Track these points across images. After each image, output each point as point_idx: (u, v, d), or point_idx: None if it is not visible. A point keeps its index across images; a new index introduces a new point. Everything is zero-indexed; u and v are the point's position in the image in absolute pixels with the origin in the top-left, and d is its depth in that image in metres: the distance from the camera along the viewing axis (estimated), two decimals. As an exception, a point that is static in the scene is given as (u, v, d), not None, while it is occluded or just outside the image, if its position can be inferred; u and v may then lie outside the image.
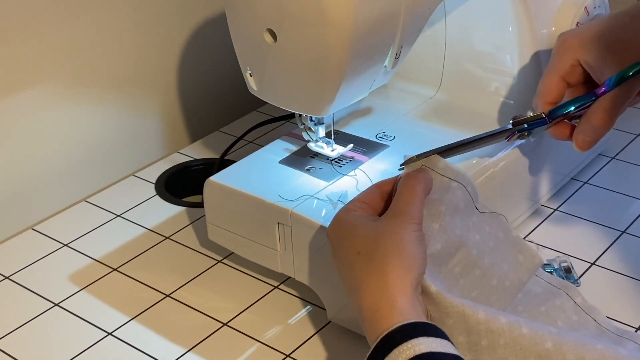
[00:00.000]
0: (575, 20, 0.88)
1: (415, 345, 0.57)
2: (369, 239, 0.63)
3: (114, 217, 0.97)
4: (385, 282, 0.61)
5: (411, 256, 0.62)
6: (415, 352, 0.57)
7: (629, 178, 0.97)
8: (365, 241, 0.63)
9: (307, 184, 0.81)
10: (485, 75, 0.90)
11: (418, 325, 0.59)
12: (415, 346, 0.57)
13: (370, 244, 0.63)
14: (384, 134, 0.89)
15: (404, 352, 0.57)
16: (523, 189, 0.88)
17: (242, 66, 0.80)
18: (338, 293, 0.76)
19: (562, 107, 0.76)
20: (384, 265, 0.62)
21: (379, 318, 0.60)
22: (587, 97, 0.75)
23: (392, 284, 0.61)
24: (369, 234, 0.64)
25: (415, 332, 0.58)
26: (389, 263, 0.62)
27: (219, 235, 0.85)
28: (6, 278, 0.88)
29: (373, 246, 0.63)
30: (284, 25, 0.72)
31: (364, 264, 0.62)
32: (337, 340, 0.77)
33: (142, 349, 0.78)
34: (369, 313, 0.61)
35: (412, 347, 0.57)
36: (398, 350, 0.57)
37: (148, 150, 1.09)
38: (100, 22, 1.00)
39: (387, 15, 0.73)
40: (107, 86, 1.03)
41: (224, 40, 0.89)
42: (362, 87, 0.78)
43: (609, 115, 0.73)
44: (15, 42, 0.92)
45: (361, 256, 0.63)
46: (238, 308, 0.82)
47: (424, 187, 0.68)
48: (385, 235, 0.63)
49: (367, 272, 0.62)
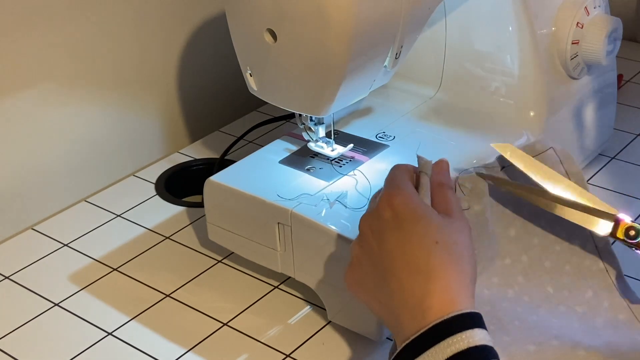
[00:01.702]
0: (575, 20, 0.88)
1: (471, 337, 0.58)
2: (444, 232, 0.63)
3: (114, 217, 0.97)
4: (464, 277, 0.62)
5: (474, 262, 0.64)
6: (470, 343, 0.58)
7: (629, 178, 0.97)
8: (442, 233, 0.63)
9: (307, 184, 0.81)
10: (485, 75, 0.90)
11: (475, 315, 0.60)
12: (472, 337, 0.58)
13: (446, 236, 0.63)
14: (384, 134, 0.89)
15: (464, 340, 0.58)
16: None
17: (242, 66, 0.80)
18: (338, 293, 0.76)
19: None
20: (462, 261, 0.62)
21: (453, 303, 0.60)
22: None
23: (467, 280, 0.62)
24: (444, 227, 0.64)
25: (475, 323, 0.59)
26: (465, 261, 0.63)
27: (219, 235, 0.85)
28: (6, 278, 0.88)
29: (450, 241, 0.63)
30: (284, 25, 0.72)
31: (444, 253, 0.62)
32: (337, 340, 0.78)
33: (142, 349, 0.78)
34: (442, 298, 0.60)
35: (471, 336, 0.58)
36: (471, 332, 0.58)
37: (148, 150, 1.09)
38: (100, 22, 1.00)
39: (387, 15, 0.73)
40: (107, 86, 1.03)
41: (224, 40, 0.89)
42: (362, 87, 0.78)
43: None
44: (15, 42, 0.92)
45: (439, 245, 0.62)
46: (238, 308, 0.82)
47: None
48: (458, 234, 0.64)
49: (447, 262, 0.62)
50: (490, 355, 0.58)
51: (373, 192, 0.80)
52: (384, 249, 0.64)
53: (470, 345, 0.57)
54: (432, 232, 0.63)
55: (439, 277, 0.61)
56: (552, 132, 0.89)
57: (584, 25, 0.89)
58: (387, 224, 0.64)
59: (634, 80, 1.18)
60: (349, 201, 0.79)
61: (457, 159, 0.84)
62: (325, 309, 0.79)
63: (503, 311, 0.71)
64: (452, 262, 0.62)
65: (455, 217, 0.66)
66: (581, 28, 0.89)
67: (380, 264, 0.64)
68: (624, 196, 0.94)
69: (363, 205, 0.78)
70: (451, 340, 0.58)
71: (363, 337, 0.77)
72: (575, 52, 0.89)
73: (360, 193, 0.80)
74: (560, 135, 0.92)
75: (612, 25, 0.89)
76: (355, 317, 0.76)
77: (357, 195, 0.79)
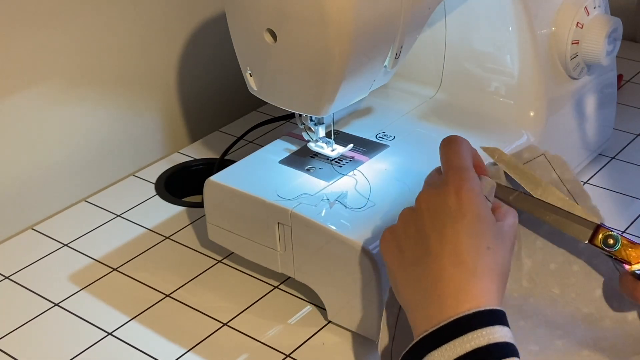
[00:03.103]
0: (575, 20, 0.88)
1: (493, 333, 0.59)
2: (497, 240, 0.64)
3: (114, 217, 0.97)
4: (500, 286, 0.62)
5: (507, 277, 0.65)
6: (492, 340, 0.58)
7: (629, 178, 0.97)
8: (495, 241, 0.64)
9: (307, 184, 0.81)
10: (485, 75, 0.90)
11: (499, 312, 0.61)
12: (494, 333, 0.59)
13: (498, 246, 0.64)
14: (384, 134, 0.89)
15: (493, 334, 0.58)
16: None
17: (242, 66, 0.80)
18: (338, 293, 0.76)
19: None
20: (503, 272, 0.63)
21: (483, 302, 0.60)
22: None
23: (501, 289, 0.63)
24: (498, 236, 0.64)
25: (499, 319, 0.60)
26: (505, 273, 0.64)
27: (219, 235, 0.85)
28: (6, 278, 0.88)
29: (500, 251, 0.64)
30: (284, 25, 0.72)
31: (491, 259, 0.62)
32: (337, 340, 0.78)
33: (142, 349, 0.78)
34: (475, 294, 0.61)
35: (495, 332, 0.58)
36: (491, 329, 0.58)
37: (148, 150, 1.09)
38: (100, 22, 1.00)
39: (387, 15, 0.73)
40: (107, 86, 1.03)
41: (224, 40, 0.89)
42: (362, 87, 0.78)
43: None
44: (14, 41, 0.92)
45: (490, 252, 0.63)
46: (238, 308, 0.82)
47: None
48: (506, 247, 0.65)
49: (492, 268, 0.62)
50: (510, 353, 0.58)
51: (373, 192, 0.80)
52: (436, 232, 0.64)
53: (491, 342, 0.57)
54: (488, 236, 0.63)
55: (481, 278, 0.61)
56: (552, 132, 0.90)
57: (584, 25, 0.89)
58: (448, 210, 0.64)
59: (634, 80, 1.18)
60: (349, 201, 0.79)
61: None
62: (325, 309, 0.79)
63: (508, 311, 0.71)
64: (496, 271, 0.62)
65: (506, 232, 0.66)
66: (581, 28, 0.89)
67: (426, 243, 0.64)
68: (624, 196, 0.94)
69: (363, 205, 0.78)
70: (472, 336, 0.58)
71: (363, 337, 0.77)
72: (575, 52, 0.89)
73: (360, 193, 0.80)
74: (560, 135, 0.92)
75: (612, 25, 0.89)
76: (355, 317, 0.76)
77: (357, 195, 0.79)
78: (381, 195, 0.79)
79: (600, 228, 0.68)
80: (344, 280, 0.75)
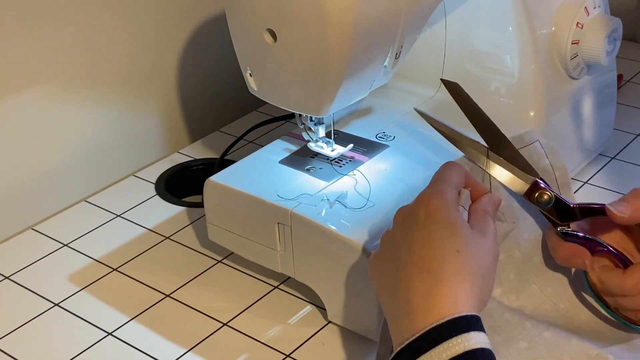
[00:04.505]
0: (575, 20, 0.88)
1: (469, 340, 0.58)
2: (469, 245, 0.63)
3: (114, 217, 0.97)
4: (472, 289, 0.61)
5: (491, 286, 0.64)
6: (470, 346, 0.57)
7: (629, 178, 0.97)
8: (467, 245, 0.63)
9: (307, 184, 0.81)
10: (485, 75, 0.90)
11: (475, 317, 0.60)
12: (470, 340, 0.58)
13: (470, 250, 0.63)
14: (384, 134, 0.89)
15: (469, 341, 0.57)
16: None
17: (242, 66, 0.80)
18: (338, 293, 0.76)
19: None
20: (475, 275, 0.62)
21: (453, 308, 0.59)
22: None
23: (475, 293, 0.61)
24: (470, 240, 0.63)
25: (474, 325, 0.59)
26: (479, 277, 0.62)
27: (219, 235, 0.85)
28: (6, 278, 0.88)
29: (472, 254, 0.63)
30: (284, 25, 0.72)
31: (460, 262, 0.62)
32: (337, 340, 0.78)
33: (142, 349, 0.78)
34: (444, 302, 0.60)
35: (471, 339, 0.58)
36: (467, 336, 0.58)
37: (148, 150, 1.09)
38: (100, 22, 1.00)
39: (387, 15, 0.73)
40: (107, 86, 1.03)
41: (224, 40, 0.89)
42: (362, 87, 0.78)
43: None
44: (15, 42, 0.92)
45: (459, 255, 0.62)
46: (238, 308, 0.82)
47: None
48: (483, 252, 0.64)
49: (459, 272, 0.61)
50: (487, 359, 0.57)
51: (373, 192, 0.80)
52: (406, 242, 0.64)
53: (467, 349, 0.57)
54: (456, 241, 0.63)
55: (446, 283, 0.60)
56: (552, 132, 0.89)
57: (584, 25, 0.89)
58: (417, 220, 0.64)
59: (634, 80, 1.18)
60: (348, 201, 0.79)
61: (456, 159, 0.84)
62: (325, 309, 0.79)
63: (493, 305, 0.71)
64: (466, 274, 0.61)
65: (487, 239, 0.65)
66: (581, 28, 0.89)
67: (398, 256, 0.64)
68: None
69: (363, 205, 0.78)
70: (447, 345, 0.57)
71: (363, 337, 0.77)
72: (575, 52, 0.89)
73: (359, 193, 0.80)
74: (560, 135, 0.92)
75: (612, 25, 0.89)
76: (355, 317, 0.76)
77: (357, 195, 0.79)
78: (381, 195, 0.79)
79: (538, 184, 0.71)
80: (344, 280, 0.75)
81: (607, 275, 0.70)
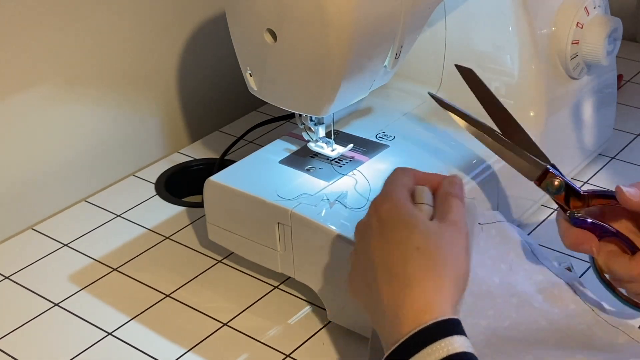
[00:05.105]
0: (575, 20, 0.88)
1: (451, 344, 0.57)
2: (430, 238, 0.62)
3: (114, 217, 0.97)
4: (442, 283, 0.60)
5: (465, 271, 0.63)
6: (453, 350, 0.57)
7: (629, 178, 0.97)
8: (427, 240, 0.62)
9: (307, 184, 0.81)
10: (485, 75, 0.90)
11: (453, 321, 0.59)
12: (452, 344, 0.57)
13: (430, 244, 0.62)
14: (384, 134, 0.89)
15: (452, 344, 0.57)
16: (524, 189, 0.88)
17: (242, 66, 0.80)
18: (338, 293, 0.76)
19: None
20: (442, 268, 0.61)
21: (429, 310, 0.59)
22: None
23: (447, 287, 0.60)
24: (430, 233, 0.62)
25: (453, 329, 0.58)
26: (447, 269, 0.61)
27: (219, 235, 0.85)
28: (6, 278, 0.88)
29: (433, 247, 0.61)
30: (284, 25, 0.72)
31: (422, 260, 0.61)
32: (337, 340, 0.78)
33: (142, 349, 0.78)
34: (417, 305, 0.59)
35: (451, 343, 0.57)
36: (450, 339, 0.57)
37: (148, 150, 1.09)
38: (100, 22, 1.00)
39: (387, 15, 0.73)
40: (107, 86, 1.03)
41: (224, 40, 0.89)
42: (362, 87, 0.78)
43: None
44: (15, 42, 0.92)
45: (420, 252, 0.61)
46: (238, 308, 0.82)
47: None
48: (446, 241, 0.62)
49: (425, 269, 0.60)
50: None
51: (373, 192, 0.80)
52: (368, 255, 0.63)
53: (450, 353, 0.56)
54: (414, 238, 0.62)
55: (414, 285, 0.60)
56: (552, 132, 0.90)
57: (584, 25, 0.89)
58: (372, 230, 0.64)
59: (634, 80, 1.18)
60: (348, 201, 0.79)
61: (456, 159, 0.84)
62: (325, 309, 0.79)
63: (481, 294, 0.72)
64: (431, 269, 0.60)
65: (449, 224, 0.64)
66: (581, 28, 0.89)
67: (366, 270, 0.64)
68: (624, 196, 0.94)
69: (363, 206, 0.78)
70: (430, 349, 0.57)
71: (363, 337, 0.77)
72: (575, 52, 0.89)
73: (359, 193, 0.80)
74: (560, 135, 0.92)
75: (612, 25, 0.89)
76: (355, 317, 0.76)
77: (357, 195, 0.79)
78: (381, 195, 0.79)
79: (549, 171, 0.72)
80: (344, 280, 0.75)
81: (615, 261, 0.69)
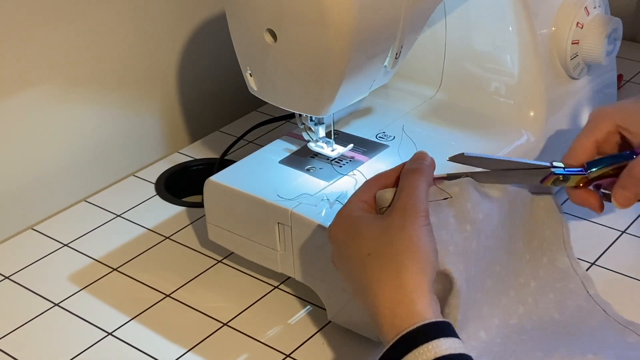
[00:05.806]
0: (575, 20, 0.88)
1: (436, 347, 0.56)
2: (377, 238, 0.62)
3: (114, 217, 0.97)
4: (401, 283, 0.59)
5: (424, 253, 0.61)
6: (436, 354, 0.56)
7: (629, 178, 0.97)
8: (374, 241, 0.62)
9: (307, 184, 0.81)
10: (485, 75, 0.90)
11: (439, 324, 0.58)
12: (436, 348, 0.56)
13: (380, 243, 0.61)
14: (384, 134, 0.89)
15: (425, 354, 0.56)
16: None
17: (242, 66, 0.80)
18: (338, 293, 0.76)
19: (600, 161, 0.73)
20: (398, 265, 0.60)
21: (397, 319, 0.58)
22: (626, 155, 0.72)
23: (408, 284, 0.59)
24: (377, 233, 0.62)
25: (437, 332, 0.57)
26: (402, 262, 0.60)
27: (219, 235, 0.85)
28: (6, 278, 0.88)
29: (383, 246, 0.61)
30: (284, 25, 0.72)
31: (375, 264, 0.61)
32: (337, 340, 0.78)
33: (142, 349, 0.78)
34: (387, 314, 0.59)
35: (433, 348, 0.56)
36: (418, 351, 0.56)
37: (148, 150, 1.10)
38: (100, 22, 1.00)
39: (387, 15, 0.73)
40: (107, 86, 1.03)
41: (224, 40, 0.89)
42: (362, 87, 0.78)
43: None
44: (15, 42, 0.92)
45: (372, 257, 0.61)
46: (238, 308, 0.82)
47: (425, 179, 0.66)
48: (394, 233, 0.61)
49: (380, 273, 0.60)
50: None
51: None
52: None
53: (437, 356, 0.56)
54: (363, 246, 0.62)
55: (378, 292, 0.60)
56: (552, 132, 0.90)
57: (584, 25, 0.89)
58: (332, 253, 0.66)
59: (634, 80, 1.18)
60: (349, 201, 0.79)
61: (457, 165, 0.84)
62: (325, 309, 0.79)
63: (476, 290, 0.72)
64: (387, 270, 0.60)
65: (397, 211, 0.63)
66: (581, 28, 0.89)
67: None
68: (624, 196, 0.94)
69: (363, 205, 0.78)
70: (413, 355, 0.57)
71: (363, 337, 0.77)
72: (575, 52, 0.89)
73: (360, 193, 0.80)
74: (560, 135, 0.92)
75: (612, 25, 0.89)
76: (355, 317, 0.76)
77: (357, 195, 0.79)
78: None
79: (552, 174, 0.73)
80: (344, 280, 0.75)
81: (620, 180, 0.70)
